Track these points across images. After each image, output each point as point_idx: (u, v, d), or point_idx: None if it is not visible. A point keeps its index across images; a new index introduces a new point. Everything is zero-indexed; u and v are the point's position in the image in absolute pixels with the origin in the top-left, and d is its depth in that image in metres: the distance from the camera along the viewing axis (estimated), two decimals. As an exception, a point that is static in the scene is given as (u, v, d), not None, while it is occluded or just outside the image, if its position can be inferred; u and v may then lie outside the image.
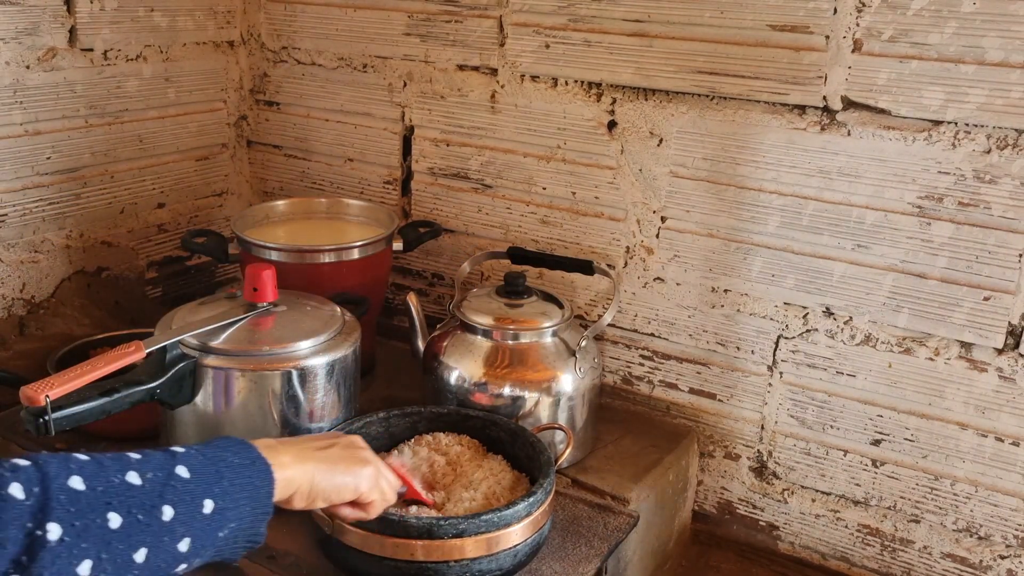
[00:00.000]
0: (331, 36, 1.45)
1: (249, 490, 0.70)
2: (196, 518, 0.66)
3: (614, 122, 1.22)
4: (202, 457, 0.69)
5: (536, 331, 1.10)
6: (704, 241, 1.19)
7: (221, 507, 0.67)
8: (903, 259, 1.07)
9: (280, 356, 0.98)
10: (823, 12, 1.05)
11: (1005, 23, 0.96)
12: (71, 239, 1.34)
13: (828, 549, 1.20)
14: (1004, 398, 1.05)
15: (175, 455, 0.67)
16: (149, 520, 0.63)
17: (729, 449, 1.25)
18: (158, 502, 0.64)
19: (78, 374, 0.84)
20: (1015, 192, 0.99)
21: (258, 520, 0.71)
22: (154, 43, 1.39)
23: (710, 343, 1.23)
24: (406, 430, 1.07)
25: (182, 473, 0.66)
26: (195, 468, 0.67)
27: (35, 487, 0.58)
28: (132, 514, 0.62)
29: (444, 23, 1.33)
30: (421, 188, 1.43)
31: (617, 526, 1.03)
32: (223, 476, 0.68)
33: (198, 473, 0.67)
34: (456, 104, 1.35)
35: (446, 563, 0.86)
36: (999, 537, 1.09)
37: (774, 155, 1.12)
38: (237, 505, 0.69)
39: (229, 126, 1.56)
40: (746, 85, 1.11)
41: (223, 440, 0.72)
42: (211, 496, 0.67)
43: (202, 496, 0.66)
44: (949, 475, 1.10)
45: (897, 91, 1.03)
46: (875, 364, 1.11)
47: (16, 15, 1.21)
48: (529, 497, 0.90)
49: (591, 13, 1.20)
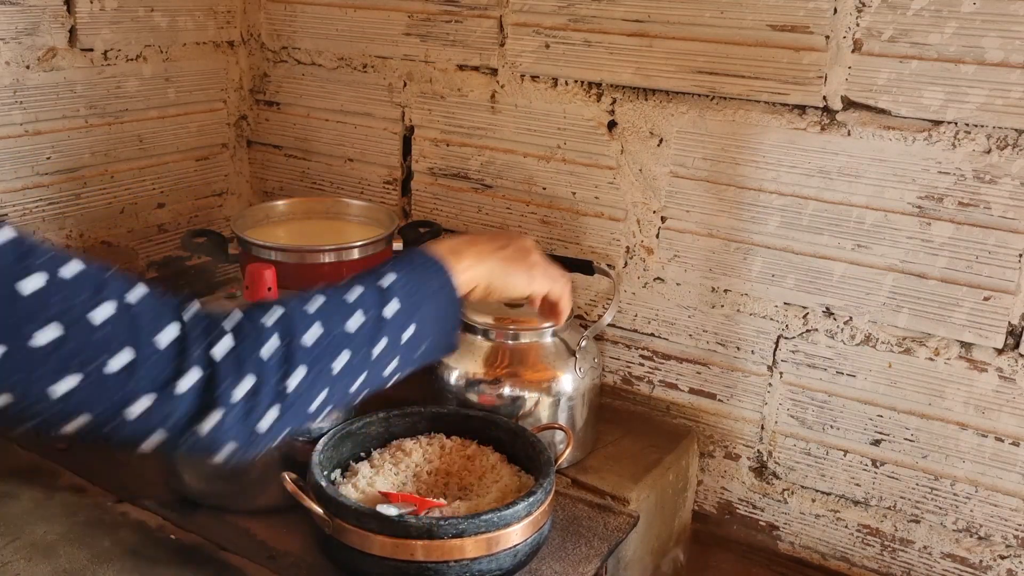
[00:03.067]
0: (331, 36, 1.45)
1: (444, 311, 0.79)
2: (400, 344, 0.74)
3: (614, 122, 1.22)
4: (406, 289, 0.75)
5: (536, 331, 1.10)
6: (704, 241, 1.19)
7: (419, 331, 0.76)
8: (903, 259, 1.07)
9: (280, 356, 0.97)
10: (823, 12, 1.05)
11: (1005, 23, 0.96)
12: (71, 239, 1.34)
13: (828, 549, 1.20)
14: (1004, 398, 1.05)
15: (384, 292, 0.74)
16: (365, 357, 0.72)
17: (729, 449, 1.25)
18: (373, 341, 0.72)
19: (78, 374, 0.84)
20: (1015, 192, 0.99)
21: (449, 334, 0.81)
22: (154, 43, 1.39)
23: (710, 343, 1.23)
24: (406, 430, 1.07)
25: (392, 309, 0.73)
26: (401, 300, 0.74)
27: (281, 345, 0.66)
28: (352, 357, 0.70)
29: (444, 23, 1.33)
30: (421, 188, 1.43)
31: (617, 526, 1.03)
32: (422, 304, 0.76)
33: (403, 305, 0.74)
34: (456, 104, 1.35)
35: (446, 563, 0.86)
36: (999, 537, 1.09)
37: (774, 155, 1.12)
38: (433, 329, 0.77)
39: (229, 126, 1.56)
40: (746, 85, 1.11)
41: (420, 259, 0.79)
42: (413, 322, 0.75)
43: (406, 325, 0.74)
44: (949, 475, 1.10)
45: (897, 91, 1.03)
46: (875, 364, 1.11)
47: (16, 15, 1.21)
48: (529, 497, 0.90)
49: (591, 13, 1.20)
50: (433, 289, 0.78)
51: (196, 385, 0.62)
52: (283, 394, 0.66)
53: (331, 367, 0.69)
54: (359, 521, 0.87)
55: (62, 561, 0.91)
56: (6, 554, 0.91)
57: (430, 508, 0.92)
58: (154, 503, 1.01)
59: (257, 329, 0.66)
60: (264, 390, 0.65)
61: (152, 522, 0.98)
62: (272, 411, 0.66)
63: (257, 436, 0.66)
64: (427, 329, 0.77)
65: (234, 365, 0.64)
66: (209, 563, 0.92)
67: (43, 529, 0.95)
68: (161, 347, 0.61)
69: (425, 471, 1.01)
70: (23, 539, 0.94)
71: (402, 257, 0.79)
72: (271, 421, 0.66)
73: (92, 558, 0.92)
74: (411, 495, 0.94)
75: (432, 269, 0.79)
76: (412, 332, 0.75)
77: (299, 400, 0.67)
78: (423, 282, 0.77)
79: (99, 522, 0.97)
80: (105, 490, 1.03)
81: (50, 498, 1.01)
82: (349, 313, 0.71)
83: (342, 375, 0.70)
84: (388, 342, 0.73)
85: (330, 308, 0.71)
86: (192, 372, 0.62)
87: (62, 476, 1.05)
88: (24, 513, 0.98)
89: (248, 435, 0.66)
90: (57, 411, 0.58)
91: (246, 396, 0.64)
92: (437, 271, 0.79)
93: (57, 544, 0.93)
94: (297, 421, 0.69)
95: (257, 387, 0.65)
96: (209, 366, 0.63)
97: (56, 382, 0.57)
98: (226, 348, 0.64)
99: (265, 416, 0.66)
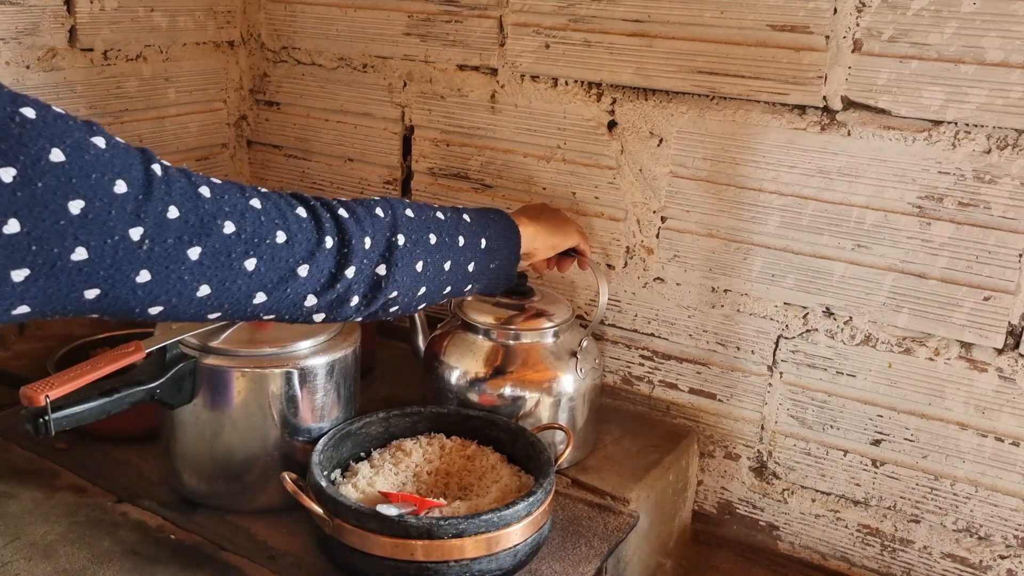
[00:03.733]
0: (331, 36, 1.45)
1: (507, 238, 0.97)
2: (477, 249, 0.92)
3: (614, 122, 1.22)
4: (476, 214, 0.95)
5: (537, 331, 1.10)
6: (704, 241, 1.19)
7: (492, 246, 0.94)
8: (903, 259, 1.07)
9: (280, 356, 0.98)
10: (823, 12, 1.05)
11: (1005, 23, 0.96)
12: (71, 239, 1.33)
13: (828, 549, 1.20)
14: (1004, 398, 1.05)
15: (459, 209, 0.93)
16: (452, 243, 0.88)
17: (729, 449, 1.25)
18: (455, 232, 0.89)
19: (78, 374, 0.85)
20: (1015, 192, 0.99)
21: (512, 261, 0.98)
22: (154, 43, 1.39)
23: (710, 343, 1.23)
24: (406, 430, 1.07)
25: (467, 218, 0.92)
26: (473, 217, 0.93)
27: (388, 210, 0.83)
28: (442, 236, 0.87)
29: (444, 23, 1.33)
30: (421, 188, 1.43)
31: (617, 526, 1.03)
32: (491, 226, 0.95)
33: (475, 220, 0.93)
34: (456, 104, 1.35)
35: (446, 563, 0.86)
36: (999, 537, 1.09)
37: (774, 155, 1.12)
38: (500, 247, 0.95)
39: (229, 126, 1.56)
40: (746, 85, 1.11)
41: (485, 208, 0.98)
42: (485, 236, 0.93)
43: (480, 235, 0.92)
44: (949, 475, 1.10)
45: (897, 91, 1.03)
46: (875, 364, 1.11)
47: (16, 15, 1.21)
48: (529, 497, 0.90)
49: (591, 13, 1.20)
50: (495, 219, 0.97)
51: (335, 244, 0.77)
52: (394, 247, 0.81)
53: (428, 238, 0.85)
54: (359, 521, 0.87)
55: (62, 561, 0.91)
56: (6, 554, 0.91)
57: (430, 508, 0.92)
58: (154, 503, 1.01)
59: (366, 203, 0.83)
60: (379, 240, 0.80)
61: (152, 522, 0.98)
62: (384, 262, 0.81)
63: (377, 288, 0.81)
64: (497, 245, 0.94)
65: (356, 225, 0.79)
66: (209, 563, 0.92)
67: (43, 529, 0.95)
68: (303, 218, 0.75)
69: (425, 471, 1.01)
70: (23, 539, 0.94)
71: None
72: (386, 270, 0.81)
73: (92, 558, 0.91)
74: (411, 495, 0.94)
75: (493, 210, 0.99)
76: (485, 244, 0.92)
77: (406, 257, 0.83)
78: (487, 214, 0.96)
79: (99, 522, 0.97)
80: (105, 490, 1.03)
81: (50, 498, 1.01)
82: (434, 209, 0.89)
83: (437, 249, 0.86)
84: (467, 241, 0.90)
85: (417, 204, 0.88)
86: (329, 235, 0.76)
87: (62, 476, 1.05)
88: (24, 513, 0.98)
89: (370, 285, 0.80)
90: (244, 291, 0.71)
91: (368, 249, 0.79)
92: (497, 211, 0.99)
93: (57, 544, 0.93)
94: (408, 278, 0.83)
95: (375, 241, 0.80)
96: (339, 228, 0.77)
97: (244, 262, 0.70)
98: (346, 214, 0.79)
99: (381, 265, 0.80)
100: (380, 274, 0.80)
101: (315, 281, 0.75)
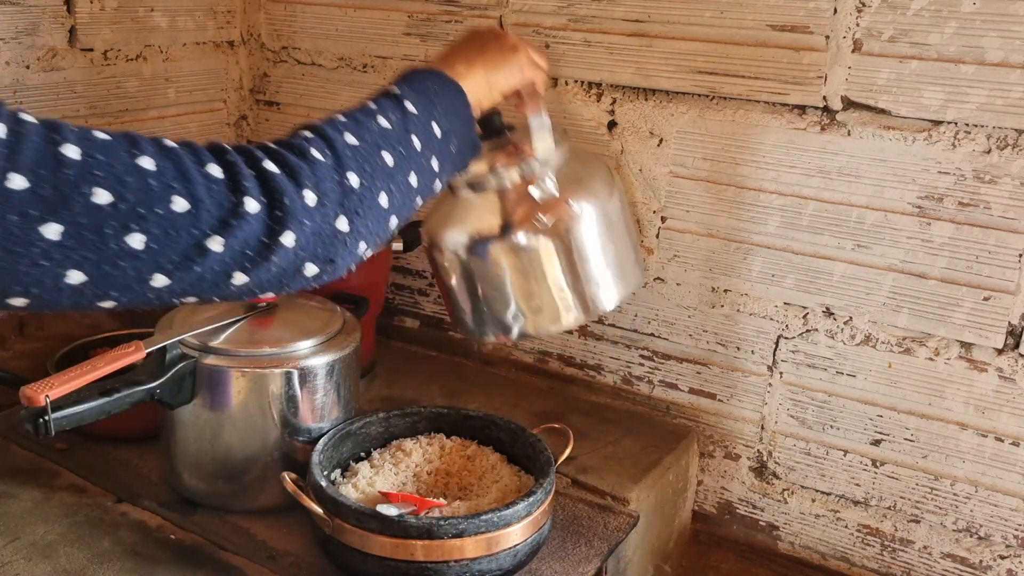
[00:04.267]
0: (331, 36, 1.45)
1: (455, 107, 0.81)
2: (434, 140, 0.77)
3: (614, 122, 1.22)
4: (414, 93, 0.78)
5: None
6: (704, 241, 1.19)
7: (446, 128, 0.78)
8: (903, 259, 1.07)
9: (280, 356, 0.98)
10: (823, 12, 1.05)
11: (1005, 23, 0.96)
12: (71, 239, 1.33)
13: (828, 549, 1.20)
14: (1004, 398, 1.05)
15: (397, 97, 0.77)
16: (408, 151, 0.74)
17: (729, 449, 1.25)
18: (406, 135, 0.74)
19: (78, 374, 0.84)
20: (1015, 192, 0.99)
21: (469, 129, 0.83)
22: (154, 43, 1.39)
23: (710, 343, 1.23)
24: (406, 430, 1.07)
25: (411, 109, 0.76)
26: (415, 103, 0.77)
27: (325, 147, 0.67)
28: (396, 149, 0.72)
29: (444, 23, 1.33)
30: (421, 188, 1.42)
31: (617, 526, 1.03)
32: (435, 102, 0.79)
33: (419, 106, 0.77)
34: (456, 104, 1.35)
35: (446, 563, 0.86)
36: (999, 537, 1.09)
37: (774, 155, 1.12)
38: (453, 122, 0.80)
39: (229, 126, 1.56)
40: (746, 85, 1.11)
41: (415, 73, 0.82)
42: (435, 120, 0.78)
43: (429, 122, 0.77)
44: (949, 475, 1.10)
45: (897, 91, 1.03)
46: (875, 364, 1.11)
47: (16, 15, 1.21)
48: (529, 497, 0.90)
49: (591, 13, 1.20)
50: (437, 89, 0.80)
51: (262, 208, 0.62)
52: (349, 193, 0.67)
53: (382, 161, 0.71)
54: (359, 521, 0.87)
55: (62, 561, 0.91)
56: (6, 554, 0.91)
57: (430, 508, 0.92)
58: (154, 503, 1.01)
59: (296, 145, 0.67)
60: (327, 189, 0.65)
61: (152, 522, 0.98)
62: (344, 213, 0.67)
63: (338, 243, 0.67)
64: (450, 125, 0.79)
65: (290, 180, 0.64)
66: (209, 563, 0.92)
67: (43, 529, 0.95)
68: (215, 178, 0.61)
69: (425, 471, 1.01)
70: (23, 539, 0.94)
71: (394, 79, 0.81)
72: (348, 223, 0.67)
73: (92, 558, 0.91)
74: (411, 495, 0.94)
75: (427, 74, 0.82)
76: (438, 129, 0.78)
77: (367, 198, 0.69)
78: (425, 85, 0.80)
79: (99, 522, 0.97)
80: (105, 490, 1.03)
81: (50, 498, 1.01)
82: (374, 116, 0.73)
83: (396, 169, 0.72)
84: (422, 138, 0.76)
85: (355, 117, 0.72)
86: (250, 196, 0.61)
87: (62, 476, 1.05)
88: (24, 513, 0.98)
89: (328, 244, 0.66)
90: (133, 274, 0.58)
91: (313, 207, 0.64)
92: (431, 74, 0.82)
93: (57, 544, 0.93)
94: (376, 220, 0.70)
95: (322, 192, 0.65)
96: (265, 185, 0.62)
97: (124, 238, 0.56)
98: (275, 168, 0.64)
99: (340, 218, 0.66)
100: (342, 230, 0.66)
101: (238, 255, 0.61)
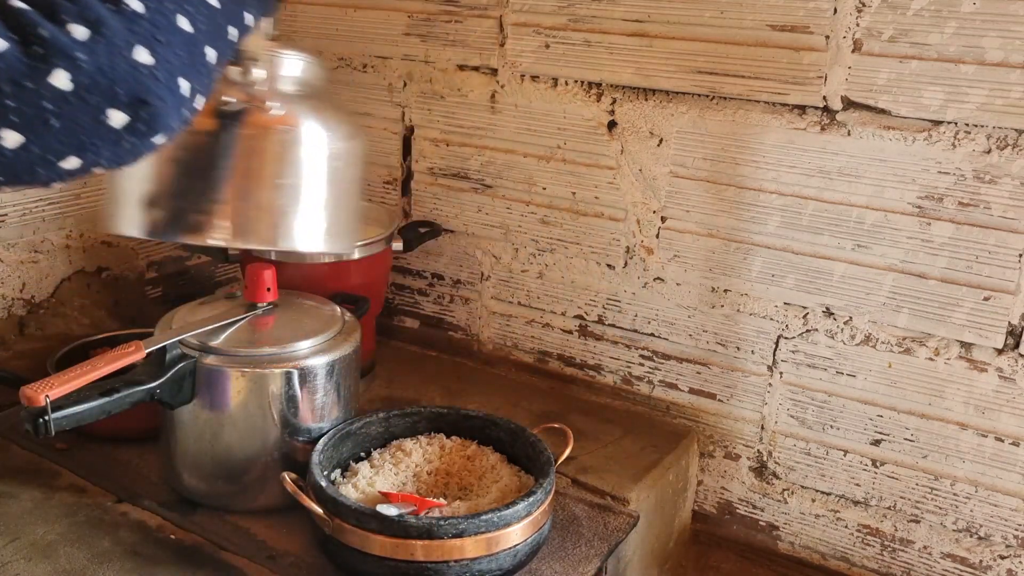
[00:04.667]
0: (331, 36, 1.44)
1: None
2: None
3: (614, 122, 1.22)
4: None
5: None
6: (704, 241, 1.19)
7: None
8: (903, 259, 1.07)
9: (280, 356, 0.98)
10: (823, 12, 1.05)
11: (1005, 23, 0.96)
12: (71, 239, 1.33)
13: (828, 549, 1.20)
14: (1004, 398, 1.05)
15: None
16: None
17: (729, 449, 1.25)
18: None
19: (78, 374, 0.84)
20: (1015, 192, 0.99)
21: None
22: (154, 43, 1.39)
23: (710, 343, 1.23)
24: (406, 430, 1.07)
25: None
26: None
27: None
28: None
29: (444, 23, 1.33)
30: (421, 188, 1.43)
31: (617, 526, 1.03)
32: None
33: None
34: (456, 104, 1.35)
35: (446, 563, 0.86)
36: (999, 537, 1.09)
37: (774, 155, 1.12)
38: None
39: (229, 126, 1.55)
40: (746, 85, 1.11)
41: None
42: None
43: None
44: (949, 475, 1.10)
45: (897, 91, 1.03)
46: (875, 364, 1.11)
47: (16, 15, 1.20)
48: (529, 497, 0.90)
49: (591, 13, 1.20)
50: None
51: (10, 44, 0.48)
52: (134, 18, 0.53)
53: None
54: (359, 521, 0.87)
55: (62, 561, 0.91)
56: (6, 554, 0.91)
57: (430, 508, 0.92)
58: (154, 503, 1.01)
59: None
60: (101, 17, 0.51)
61: (152, 522, 0.98)
62: (139, 42, 0.53)
63: (144, 77, 0.53)
64: None
65: (41, 11, 0.50)
66: (209, 563, 0.92)
67: (43, 529, 0.95)
68: None
69: (425, 471, 1.01)
70: (23, 539, 0.94)
71: None
72: (149, 54, 0.53)
73: (92, 558, 0.91)
74: (411, 495, 0.94)
75: None
76: None
77: (161, 20, 0.54)
78: None
79: (99, 522, 0.97)
80: (105, 490, 1.03)
81: (50, 498, 1.01)
82: None
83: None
84: None
85: None
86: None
87: (62, 476, 1.05)
88: (24, 513, 0.98)
89: (130, 81, 0.52)
90: None
91: (87, 39, 0.50)
92: None
93: (57, 544, 0.93)
94: (186, 49, 0.56)
95: (91, 21, 0.51)
96: (12, 20, 0.49)
97: None
98: (23, 2, 0.50)
99: (136, 48, 0.52)
100: (144, 62, 0.53)
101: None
